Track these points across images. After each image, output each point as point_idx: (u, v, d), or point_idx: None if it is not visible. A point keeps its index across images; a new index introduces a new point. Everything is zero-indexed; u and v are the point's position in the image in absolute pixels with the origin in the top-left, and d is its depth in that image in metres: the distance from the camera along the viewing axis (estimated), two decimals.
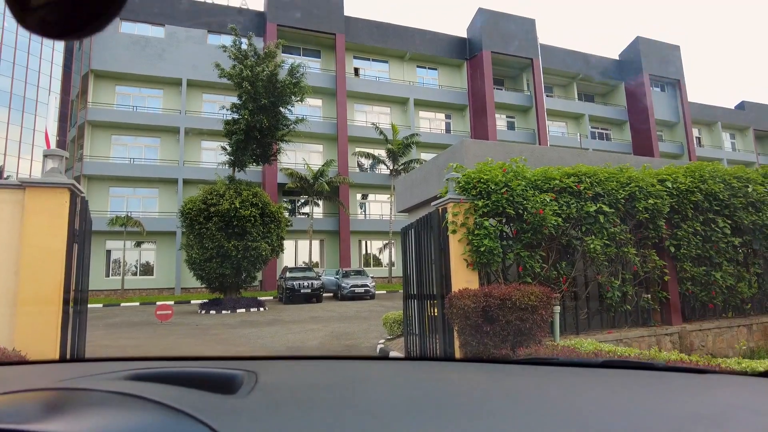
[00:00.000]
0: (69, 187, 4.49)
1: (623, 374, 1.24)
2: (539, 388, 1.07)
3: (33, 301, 4.14)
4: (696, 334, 6.67)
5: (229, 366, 1.09)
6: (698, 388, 1.08)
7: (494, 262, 5.87)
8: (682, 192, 6.84)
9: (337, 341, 10.17)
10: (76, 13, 0.40)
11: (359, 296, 21.30)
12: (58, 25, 0.41)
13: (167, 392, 0.79)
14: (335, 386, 1.04)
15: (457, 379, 1.16)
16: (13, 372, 1.37)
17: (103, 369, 1.17)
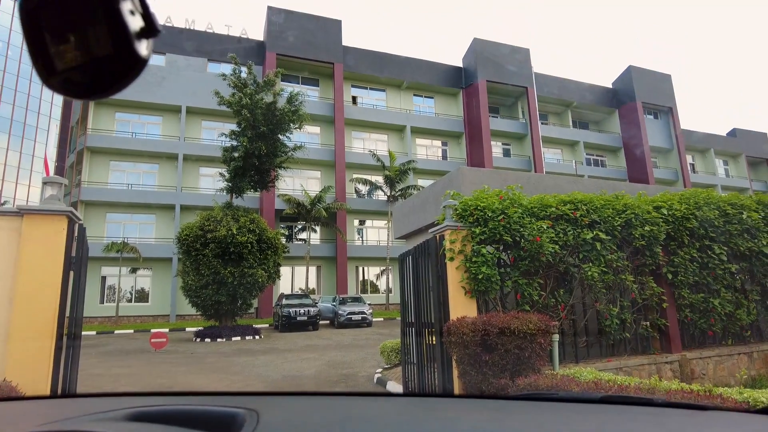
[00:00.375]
0: (67, 214, 4.49)
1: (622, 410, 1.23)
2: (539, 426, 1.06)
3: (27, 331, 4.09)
4: (697, 362, 6.60)
5: (228, 403, 1.08)
6: (697, 426, 1.07)
7: (492, 289, 5.85)
8: (677, 219, 6.88)
9: (333, 370, 10.01)
10: (98, 75, 0.43)
11: (356, 324, 21.08)
12: (81, 87, 0.43)
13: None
14: (337, 426, 1.03)
15: (457, 416, 1.15)
16: (5, 409, 1.33)
17: (98, 406, 1.15)
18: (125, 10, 0.42)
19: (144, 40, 0.44)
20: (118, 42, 0.42)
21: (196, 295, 17.77)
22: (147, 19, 0.43)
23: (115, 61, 0.42)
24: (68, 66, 0.42)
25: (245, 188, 19.88)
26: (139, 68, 0.43)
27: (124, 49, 0.42)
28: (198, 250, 17.48)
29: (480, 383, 5.12)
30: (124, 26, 0.42)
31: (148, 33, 0.44)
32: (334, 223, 28.73)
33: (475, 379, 5.19)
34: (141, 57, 0.43)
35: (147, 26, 0.43)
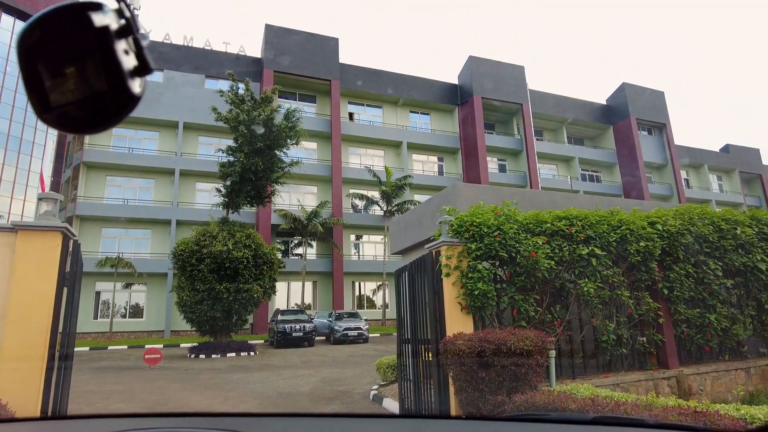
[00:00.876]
0: (61, 230, 4.48)
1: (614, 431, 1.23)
2: None
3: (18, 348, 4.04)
4: (694, 377, 6.58)
5: (219, 425, 1.07)
6: None
7: (488, 305, 5.84)
8: (672, 234, 6.91)
9: (329, 387, 9.91)
10: (93, 111, 0.44)
11: (352, 340, 20.92)
12: (76, 122, 0.45)
13: None
14: None
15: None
16: None
17: (88, 428, 1.13)
18: (120, 49, 0.43)
19: (137, 78, 0.45)
20: (113, 79, 0.43)
21: (191, 310, 17.63)
22: (140, 57, 0.45)
23: (109, 97, 0.44)
24: (63, 102, 0.44)
25: (242, 203, 19.87)
26: (133, 105, 0.45)
27: (118, 87, 0.44)
28: (193, 266, 17.39)
29: (477, 400, 5.08)
30: (119, 64, 0.43)
31: (142, 71, 0.45)
32: (331, 238, 28.69)
33: (471, 396, 5.15)
34: (134, 94, 0.45)
35: (140, 65, 0.45)
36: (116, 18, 0.44)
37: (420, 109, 36.16)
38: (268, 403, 8.56)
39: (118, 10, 0.44)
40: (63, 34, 0.43)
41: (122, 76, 0.43)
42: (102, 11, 0.43)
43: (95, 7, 0.43)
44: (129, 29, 0.45)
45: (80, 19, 0.43)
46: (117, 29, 0.44)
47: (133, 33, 0.45)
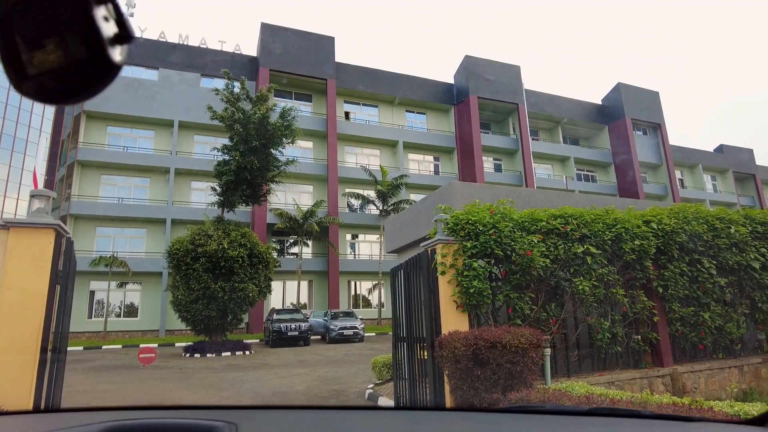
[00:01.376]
0: (54, 227, 4.44)
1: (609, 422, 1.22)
2: None
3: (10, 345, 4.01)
4: (688, 375, 6.61)
5: (208, 416, 1.05)
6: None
7: (484, 303, 5.84)
8: (667, 233, 6.93)
9: (324, 386, 9.90)
10: (72, 80, 0.43)
11: (348, 339, 20.91)
12: (54, 92, 0.43)
13: None
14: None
15: (446, 429, 1.13)
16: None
17: (78, 420, 1.12)
18: (99, 15, 0.42)
19: (118, 46, 0.43)
20: (92, 47, 0.42)
21: (185, 309, 17.56)
22: (121, 25, 0.43)
23: (88, 66, 0.42)
24: (41, 71, 0.42)
25: (237, 202, 19.81)
26: (113, 73, 0.43)
27: (97, 55, 0.42)
28: (188, 265, 17.32)
29: (472, 398, 5.08)
30: (98, 32, 0.42)
31: (122, 39, 0.43)
32: (326, 237, 28.65)
33: (467, 394, 5.15)
34: (115, 62, 0.43)
35: (121, 32, 0.43)
36: None
37: (416, 108, 36.16)
38: (263, 401, 8.54)
39: None
40: (40, 1, 0.42)
41: (102, 44, 0.42)
42: None
43: None
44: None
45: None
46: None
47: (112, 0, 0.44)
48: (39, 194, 4.51)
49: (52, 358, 4.42)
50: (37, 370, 4.08)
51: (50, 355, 4.35)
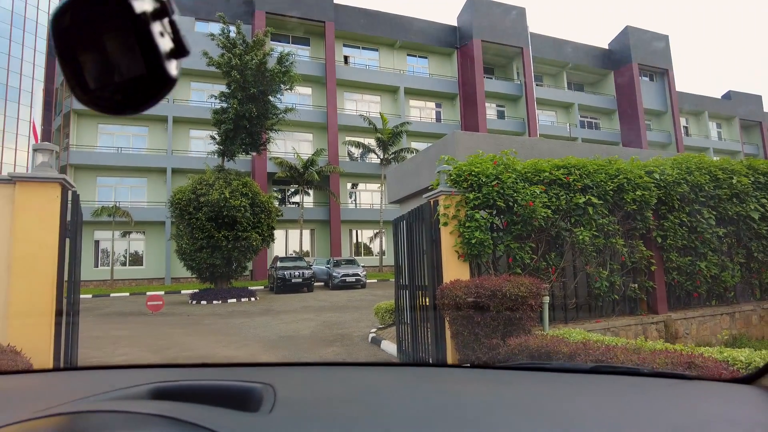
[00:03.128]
0: (60, 181, 4.47)
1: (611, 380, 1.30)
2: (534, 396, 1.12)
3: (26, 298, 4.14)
4: (681, 322, 6.83)
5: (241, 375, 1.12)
6: (681, 396, 1.14)
7: (485, 253, 5.95)
8: (669, 183, 6.95)
9: (329, 330, 10.25)
10: (131, 93, 0.45)
11: (350, 285, 21.39)
12: (115, 104, 0.45)
13: (195, 412, 0.81)
14: (355, 400, 1.08)
15: (461, 387, 1.21)
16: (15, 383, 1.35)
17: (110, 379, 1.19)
18: (156, 31, 0.43)
19: (174, 60, 0.45)
20: (150, 62, 0.44)
21: (190, 258, 17.88)
22: (176, 40, 0.45)
23: (146, 80, 0.44)
24: (100, 84, 0.44)
25: (236, 151, 19.68)
26: (169, 87, 0.45)
27: (155, 69, 0.44)
28: (191, 214, 17.47)
29: (472, 343, 5.29)
30: (156, 47, 0.43)
31: (178, 53, 0.45)
32: (327, 186, 28.66)
33: (467, 340, 5.35)
34: (171, 77, 0.45)
35: (176, 47, 0.45)
36: (152, 0, 0.44)
37: (418, 52, 35.10)
38: (270, 345, 8.87)
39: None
40: (98, 17, 0.43)
41: (159, 58, 0.44)
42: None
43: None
44: (165, 11, 0.45)
45: (116, 1, 0.43)
46: (153, 11, 0.44)
47: (168, 15, 0.45)
48: (42, 148, 4.50)
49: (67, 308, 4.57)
50: (54, 321, 4.24)
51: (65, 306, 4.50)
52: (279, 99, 20.00)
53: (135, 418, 0.80)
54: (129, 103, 0.46)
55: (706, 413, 1.01)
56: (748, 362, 3.54)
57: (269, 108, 19.33)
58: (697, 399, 1.12)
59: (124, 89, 0.45)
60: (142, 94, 0.45)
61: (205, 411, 0.83)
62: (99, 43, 0.43)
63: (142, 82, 0.44)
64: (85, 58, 0.43)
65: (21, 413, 0.82)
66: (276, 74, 18.78)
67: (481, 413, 0.95)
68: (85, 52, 0.44)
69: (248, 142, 19.54)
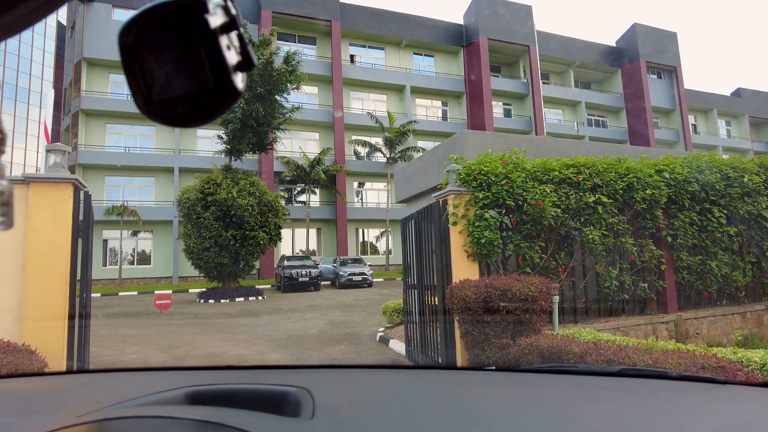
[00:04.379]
0: (72, 181, 4.50)
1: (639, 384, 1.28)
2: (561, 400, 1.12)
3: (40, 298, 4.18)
4: (691, 322, 6.79)
5: (272, 379, 1.13)
6: (713, 401, 1.13)
7: (494, 253, 5.94)
8: (679, 182, 6.90)
9: (336, 329, 10.27)
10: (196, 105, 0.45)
11: (357, 284, 21.40)
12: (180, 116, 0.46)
13: (242, 418, 0.81)
14: (392, 405, 1.08)
15: (494, 390, 1.21)
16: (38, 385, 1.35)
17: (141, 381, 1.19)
18: (223, 44, 0.44)
19: (240, 74, 0.46)
20: (217, 75, 0.44)
21: (198, 257, 17.97)
22: (243, 53, 0.45)
23: (213, 93, 0.45)
24: (166, 97, 0.45)
25: (243, 151, 19.74)
26: (235, 99, 0.46)
27: (221, 82, 0.44)
28: (199, 213, 17.56)
29: (482, 343, 5.29)
30: (223, 61, 0.44)
31: (244, 66, 0.46)
32: (334, 185, 28.69)
33: (477, 339, 5.35)
34: (237, 89, 0.45)
35: (243, 60, 0.45)
36: (221, 14, 0.44)
37: (424, 50, 35.04)
38: (279, 344, 8.90)
39: (223, 6, 0.44)
40: (166, 31, 0.44)
41: (227, 72, 0.44)
42: (206, 7, 0.43)
43: (200, 3, 0.43)
44: (233, 25, 0.45)
45: (184, 16, 0.43)
46: (221, 25, 0.44)
47: (236, 29, 0.45)
48: (55, 149, 4.54)
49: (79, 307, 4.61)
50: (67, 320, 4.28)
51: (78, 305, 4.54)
52: (285, 98, 20.03)
53: (180, 423, 0.80)
54: (193, 115, 0.46)
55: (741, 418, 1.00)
56: (762, 363, 3.51)
57: (276, 107, 19.38)
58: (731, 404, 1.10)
59: (188, 101, 0.45)
60: (207, 106, 0.45)
61: (249, 416, 0.83)
62: (165, 57, 0.44)
63: (208, 94, 0.45)
64: (151, 71, 0.44)
65: (62, 417, 0.82)
66: (282, 73, 18.81)
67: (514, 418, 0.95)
68: (151, 65, 0.44)
69: (255, 141, 19.60)
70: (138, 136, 28.35)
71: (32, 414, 0.96)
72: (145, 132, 28.42)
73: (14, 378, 1.81)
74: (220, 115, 0.47)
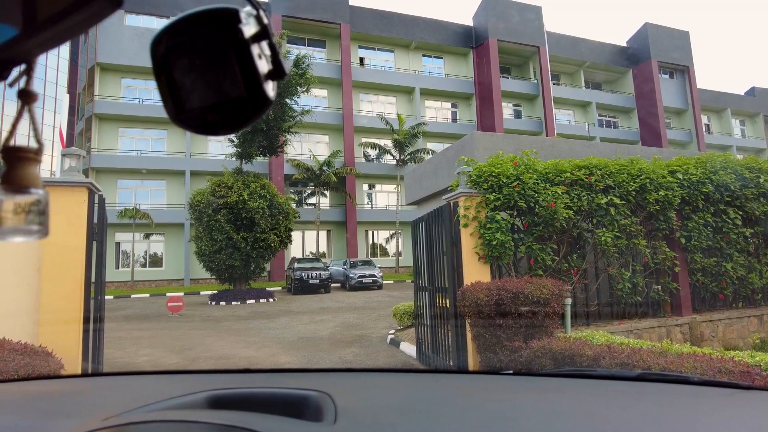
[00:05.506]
0: (87, 185, 4.56)
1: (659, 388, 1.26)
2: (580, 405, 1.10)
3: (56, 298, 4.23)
4: (706, 324, 6.69)
5: (290, 382, 1.13)
6: (737, 407, 1.11)
7: (506, 255, 5.91)
8: (693, 183, 6.82)
9: (347, 331, 10.28)
10: (227, 113, 0.46)
11: (367, 286, 21.41)
12: (212, 125, 0.47)
13: (268, 423, 0.81)
14: (412, 409, 1.07)
15: (512, 395, 1.20)
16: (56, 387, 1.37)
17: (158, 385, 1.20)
18: (255, 53, 0.44)
19: (270, 82, 0.46)
20: (248, 84, 0.45)
21: (209, 259, 18.10)
22: (274, 62, 0.46)
23: (244, 101, 0.45)
24: (198, 106, 0.46)
25: (254, 154, 19.86)
26: (266, 108, 0.46)
27: (253, 91, 0.45)
28: (210, 216, 17.69)
29: (494, 345, 5.26)
30: (255, 70, 0.44)
31: (275, 75, 0.46)
32: (344, 187, 28.74)
33: (488, 342, 5.32)
34: (268, 98, 0.46)
35: (274, 69, 0.46)
36: (253, 23, 0.45)
37: (433, 52, 35.01)
38: (290, 346, 8.93)
39: (255, 16, 0.45)
40: (198, 40, 0.44)
41: (258, 81, 0.44)
42: (238, 17, 0.44)
43: (232, 13, 0.44)
44: (264, 34, 0.46)
45: (217, 25, 0.43)
46: (253, 35, 0.44)
47: (268, 38, 0.46)
48: (70, 153, 4.61)
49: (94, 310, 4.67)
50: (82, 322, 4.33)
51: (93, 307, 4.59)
52: (295, 101, 20.13)
53: (206, 428, 0.80)
54: (224, 123, 0.46)
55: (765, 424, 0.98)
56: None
57: (286, 110, 19.48)
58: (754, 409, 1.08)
59: (219, 110, 0.46)
60: (238, 115, 0.46)
61: (274, 421, 0.83)
62: (198, 66, 0.44)
63: (239, 103, 0.45)
64: (183, 80, 0.45)
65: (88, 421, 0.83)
66: (292, 77, 18.92)
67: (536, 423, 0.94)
68: (184, 74, 0.45)
69: (265, 144, 19.72)
70: (150, 140, 28.65)
71: (58, 417, 0.97)
72: (156, 135, 28.72)
73: (33, 381, 1.84)
74: (251, 123, 0.48)
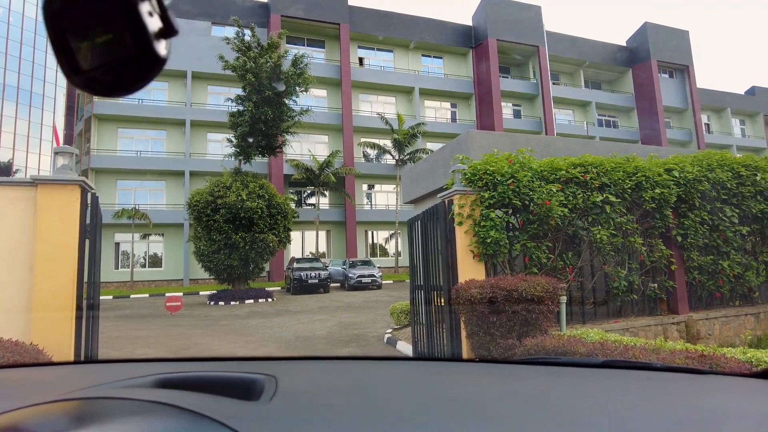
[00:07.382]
0: (80, 183, 4.56)
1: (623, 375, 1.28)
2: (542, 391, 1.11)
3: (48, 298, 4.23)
4: (703, 322, 6.68)
5: (247, 368, 1.13)
6: (695, 390, 1.12)
7: (501, 253, 5.90)
8: (689, 181, 6.81)
9: (345, 331, 10.27)
10: (121, 74, 0.45)
11: (366, 286, 21.41)
12: (104, 85, 0.46)
13: (195, 399, 0.82)
14: (356, 391, 1.08)
15: (465, 381, 1.20)
16: (34, 374, 1.41)
17: (123, 372, 1.22)
18: (144, 11, 0.43)
19: (163, 41, 0.45)
20: (139, 42, 0.44)
21: (208, 259, 18.09)
22: (165, 19, 0.45)
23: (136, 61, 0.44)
24: (91, 66, 0.45)
25: (253, 154, 19.85)
26: (159, 68, 0.46)
27: (144, 50, 0.44)
28: (209, 216, 17.68)
29: (488, 344, 5.25)
30: (144, 27, 0.43)
31: (167, 33, 0.45)
32: (343, 187, 28.75)
33: (483, 340, 5.31)
34: (160, 57, 0.45)
35: (165, 27, 0.45)
36: None
37: (432, 52, 35.02)
38: (287, 346, 8.93)
39: None
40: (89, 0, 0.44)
41: (148, 39, 0.44)
42: None
43: None
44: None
45: None
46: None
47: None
48: (62, 151, 4.61)
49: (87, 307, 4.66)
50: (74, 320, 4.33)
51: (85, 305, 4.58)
52: (294, 101, 20.14)
53: (136, 404, 0.82)
54: (120, 84, 0.46)
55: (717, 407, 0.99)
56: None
57: (285, 110, 19.48)
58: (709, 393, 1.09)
59: (114, 70, 0.45)
60: (133, 75, 0.45)
61: (205, 399, 0.84)
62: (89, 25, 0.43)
63: (133, 63, 0.45)
64: (75, 40, 0.44)
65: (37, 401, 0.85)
66: (291, 76, 18.93)
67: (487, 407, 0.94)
68: (76, 34, 0.44)
69: (264, 144, 19.72)
70: (149, 140, 28.68)
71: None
72: (155, 136, 28.75)
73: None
74: (145, 84, 0.47)
